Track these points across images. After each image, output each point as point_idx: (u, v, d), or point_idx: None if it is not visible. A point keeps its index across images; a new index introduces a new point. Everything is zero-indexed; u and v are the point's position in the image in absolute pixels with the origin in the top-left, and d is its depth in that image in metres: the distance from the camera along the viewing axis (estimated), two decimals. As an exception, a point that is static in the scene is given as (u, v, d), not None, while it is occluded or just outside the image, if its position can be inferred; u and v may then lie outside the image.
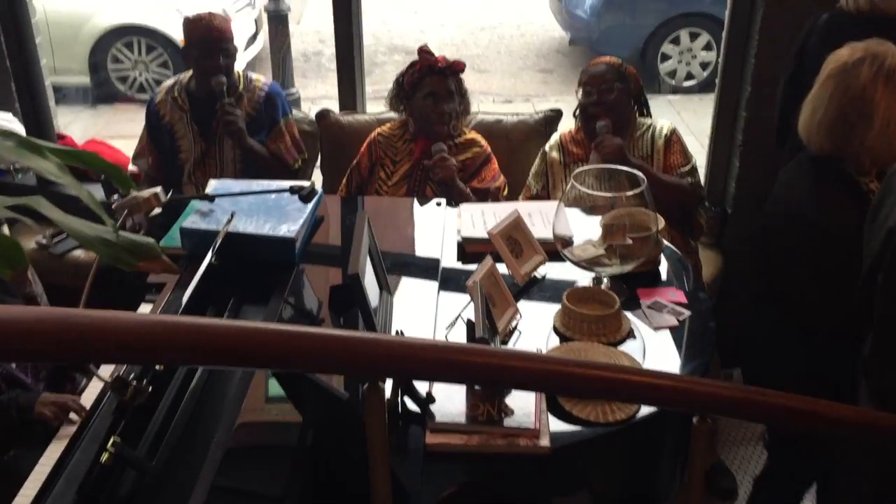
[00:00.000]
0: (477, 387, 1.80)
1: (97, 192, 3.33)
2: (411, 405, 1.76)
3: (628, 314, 2.09)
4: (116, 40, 6.44)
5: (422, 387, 1.76)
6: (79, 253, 3.26)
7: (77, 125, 6.19)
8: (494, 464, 1.72)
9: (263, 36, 6.71)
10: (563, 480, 1.78)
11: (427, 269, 2.34)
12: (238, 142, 3.07)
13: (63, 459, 1.77)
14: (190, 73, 3.22)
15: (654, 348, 2.02)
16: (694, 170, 2.88)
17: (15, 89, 3.39)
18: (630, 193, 2.08)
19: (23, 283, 2.64)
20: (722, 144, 3.32)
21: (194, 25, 3.07)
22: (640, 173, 2.13)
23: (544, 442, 1.70)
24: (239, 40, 6.55)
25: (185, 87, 3.22)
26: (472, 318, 1.75)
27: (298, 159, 3.24)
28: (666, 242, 2.45)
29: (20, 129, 3.45)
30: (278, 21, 5.55)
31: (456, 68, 2.95)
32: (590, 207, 2.23)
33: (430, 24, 8.05)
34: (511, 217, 2.28)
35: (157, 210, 2.11)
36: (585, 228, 2.22)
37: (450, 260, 2.36)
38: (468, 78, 3.09)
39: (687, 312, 2.11)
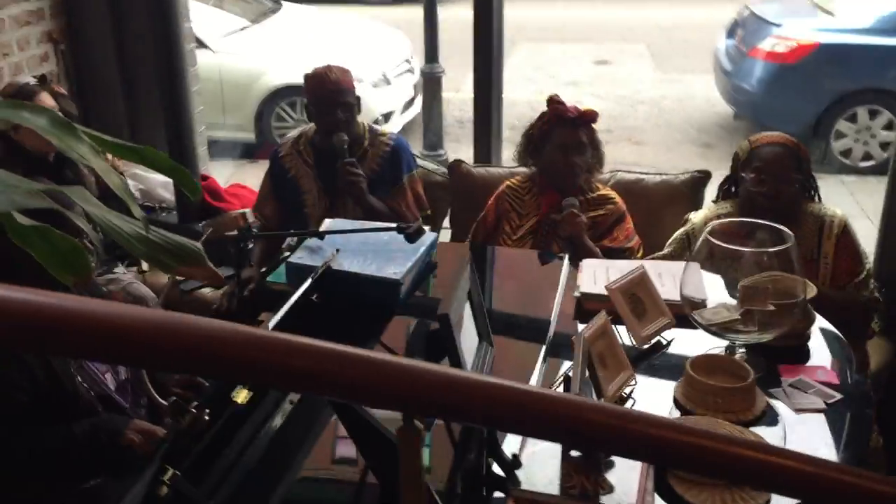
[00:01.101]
0: (574, 454, 1.58)
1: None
2: (497, 469, 1.56)
3: (767, 394, 1.80)
4: (282, 100, 6.67)
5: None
6: (206, 290, 3.27)
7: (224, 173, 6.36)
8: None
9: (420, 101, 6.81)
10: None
11: (536, 328, 2.13)
12: (358, 201, 2.96)
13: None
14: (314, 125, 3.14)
15: (795, 433, 1.72)
16: (869, 276, 2.50)
17: (165, 131, 3.50)
18: (773, 250, 1.81)
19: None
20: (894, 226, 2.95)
21: (311, 81, 2.98)
22: (786, 230, 1.86)
23: (645, 527, 1.44)
24: (396, 104, 6.80)
25: (310, 140, 3.11)
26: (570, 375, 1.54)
27: (420, 217, 3.11)
28: (824, 322, 2.13)
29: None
30: (431, 82, 5.58)
31: (587, 118, 2.76)
32: (728, 269, 1.97)
33: (587, 96, 7.94)
34: (635, 272, 2.05)
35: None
36: (721, 293, 1.97)
37: (565, 321, 2.15)
38: (622, 150, 2.91)
39: (838, 395, 1.80)
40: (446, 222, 3.40)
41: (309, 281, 1.97)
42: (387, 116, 6.72)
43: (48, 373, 2.10)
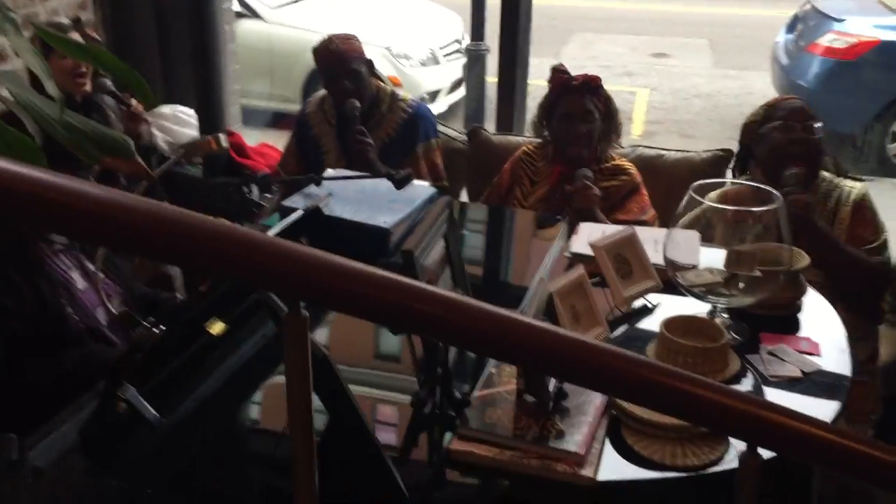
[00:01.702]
0: (528, 398, 1.56)
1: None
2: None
3: (744, 360, 1.74)
4: (330, 72, 6.70)
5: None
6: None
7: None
8: (524, 487, 1.44)
9: (467, 80, 6.77)
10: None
11: (521, 286, 2.10)
12: (368, 169, 2.88)
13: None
14: None
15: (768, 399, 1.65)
16: (884, 246, 2.41)
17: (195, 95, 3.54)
18: (759, 210, 1.75)
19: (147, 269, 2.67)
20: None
21: (316, 55, 2.99)
22: (776, 193, 1.79)
23: (587, 472, 1.41)
24: (443, 83, 6.78)
25: (334, 104, 3.10)
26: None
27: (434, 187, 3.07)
28: (818, 296, 2.05)
29: (195, 124, 3.62)
30: (476, 59, 5.56)
31: (592, 85, 2.70)
32: (718, 234, 1.91)
33: (641, 88, 7.82)
34: (623, 233, 2.00)
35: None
36: (710, 260, 1.91)
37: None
38: (670, 141, 2.82)
39: (818, 365, 1.73)
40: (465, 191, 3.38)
41: (293, 217, 1.97)
42: (433, 95, 6.71)
43: (39, 301, 2.14)
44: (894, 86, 5.75)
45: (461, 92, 6.95)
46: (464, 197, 3.36)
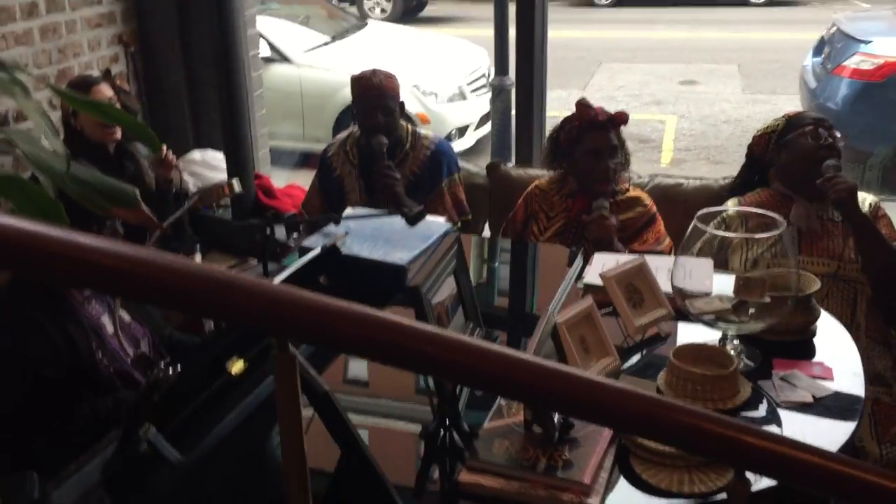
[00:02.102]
0: (536, 429, 1.58)
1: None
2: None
3: (756, 386, 1.75)
4: (359, 112, 6.82)
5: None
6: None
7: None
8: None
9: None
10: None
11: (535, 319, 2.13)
12: (395, 204, 2.91)
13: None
14: None
15: (775, 425, 1.66)
16: None
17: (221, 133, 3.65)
18: (762, 236, 1.76)
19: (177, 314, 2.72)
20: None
21: (356, 84, 3.05)
22: (780, 218, 1.80)
23: (593, 501, 1.42)
24: (471, 118, 6.86)
25: (357, 141, 3.17)
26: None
27: (458, 221, 3.13)
28: (832, 320, 2.05)
29: (224, 167, 3.72)
30: (500, 93, 5.63)
31: (618, 120, 2.73)
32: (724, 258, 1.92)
33: (670, 115, 7.82)
34: (634, 262, 2.02)
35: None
36: (720, 287, 1.92)
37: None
38: (699, 168, 2.85)
39: (830, 391, 1.73)
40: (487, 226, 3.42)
41: (309, 256, 2.02)
42: (462, 131, 6.79)
43: (71, 347, 2.21)
44: (924, 105, 5.70)
45: (489, 126, 7.03)
46: (486, 232, 3.40)
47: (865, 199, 2.50)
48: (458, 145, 6.68)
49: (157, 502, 1.56)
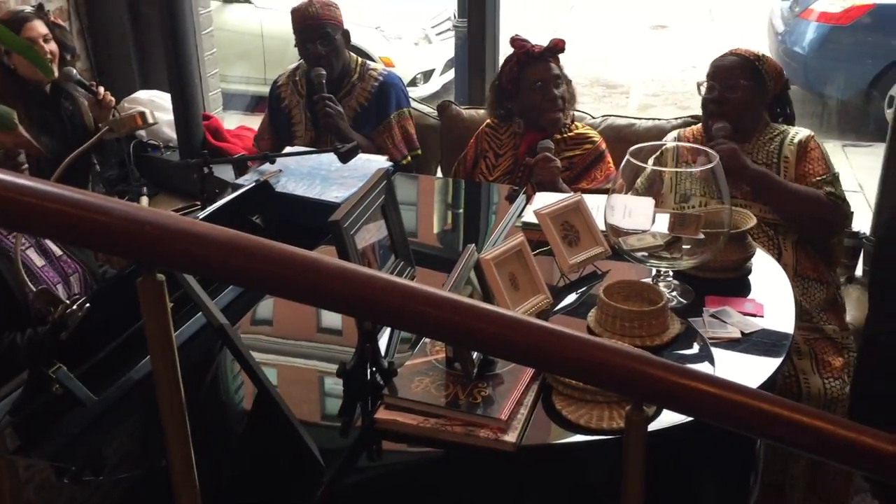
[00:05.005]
0: (457, 365, 1.55)
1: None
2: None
3: (686, 323, 1.72)
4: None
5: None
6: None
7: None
8: (450, 455, 1.43)
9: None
10: (526, 492, 1.46)
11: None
12: (338, 138, 2.86)
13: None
14: None
15: (704, 362, 1.64)
16: (834, 180, 2.40)
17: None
18: (696, 170, 1.72)
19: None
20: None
21: (293, 14, 2.98)
22: (712, 152, 1.77)
23: (509, 438, 1.40)
24: (437, 63, 6.74)
25: (305, 72, 3.09)
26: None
27: (407, 155, 3.06)
28: (767, 257, 2.03)
29: (168, 107, 3.62)
30: (463, 37, 5.50)
31: (556, 49, 2.67)
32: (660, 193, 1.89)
33: (635, 62, 7.75)
34: (570, 199, 1.98)
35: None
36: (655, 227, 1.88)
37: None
38: (668, 112, 2.79)
39: (759, 326, 1.71)
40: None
41: (238, 192, 1.97)
42: (426, 75, 6.68)
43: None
44: (890, 50, 5.66)
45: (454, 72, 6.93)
46: (438, 173, 3.35)
47: (797, 133, 2.48)
48: (424, 90, 6.58)
49: (68, 443, 1.51)
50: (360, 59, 3.10)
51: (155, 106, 3.75)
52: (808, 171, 2.40)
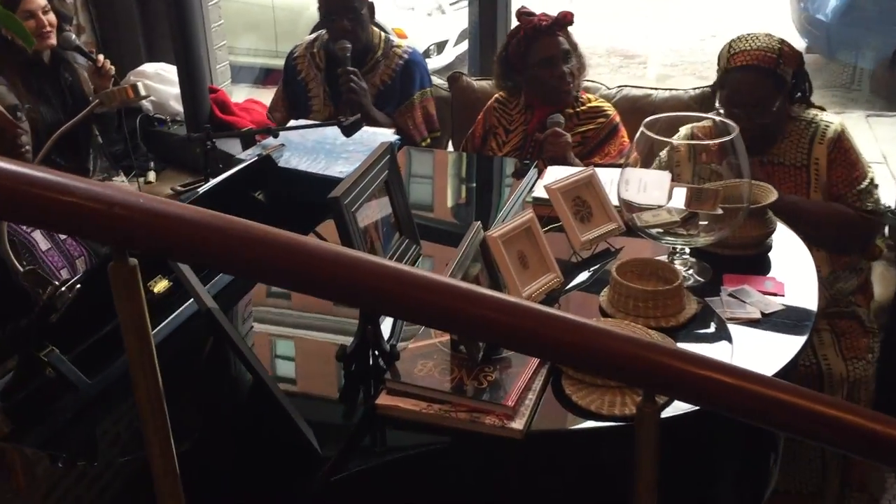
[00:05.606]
0: (462, 349, 1.48)
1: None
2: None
3: (704, 303, 1.65)
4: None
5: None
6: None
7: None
8: (455, 443, 1.37)
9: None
10: (535, 479, 1.40)
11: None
12: (359, 112, 2.76)
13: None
14: None
15: (720, 344, 1.56)
16: (868, 190, 2.22)
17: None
18: (713, 143, 1.64)
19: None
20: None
21: None
22: (731, 123, 1.68)
23: (517, 425, 1.33)
24: (450, 34, 6.62)
25: (324, 44, 3.02)
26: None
27: (427, 137, 2.98)
28: (790, 233, 1.94)
29: (175, 80, 3.56)
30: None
31: (564, 21, 2.56)
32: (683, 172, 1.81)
33: (655, 31, 7.59)
34: (583, 174, 1.90)
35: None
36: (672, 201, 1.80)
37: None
38: (686, 84, 2.63)
39: (780, 306, 1.63)
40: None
41: (238, 168, 1.90)
42: (440, 46, 6.57)
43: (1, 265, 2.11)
44: (916, 17, 5.50)
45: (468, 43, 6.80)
46: (449, 147, 3.27)
47: (827, 127, 2.25)
48: (437, 61, 6.48)
49: (61, 428, 1.47)
50: (383, 35, 3.02)
51: (161, 79, 3.68)
52: (843, 179, 2.23)
